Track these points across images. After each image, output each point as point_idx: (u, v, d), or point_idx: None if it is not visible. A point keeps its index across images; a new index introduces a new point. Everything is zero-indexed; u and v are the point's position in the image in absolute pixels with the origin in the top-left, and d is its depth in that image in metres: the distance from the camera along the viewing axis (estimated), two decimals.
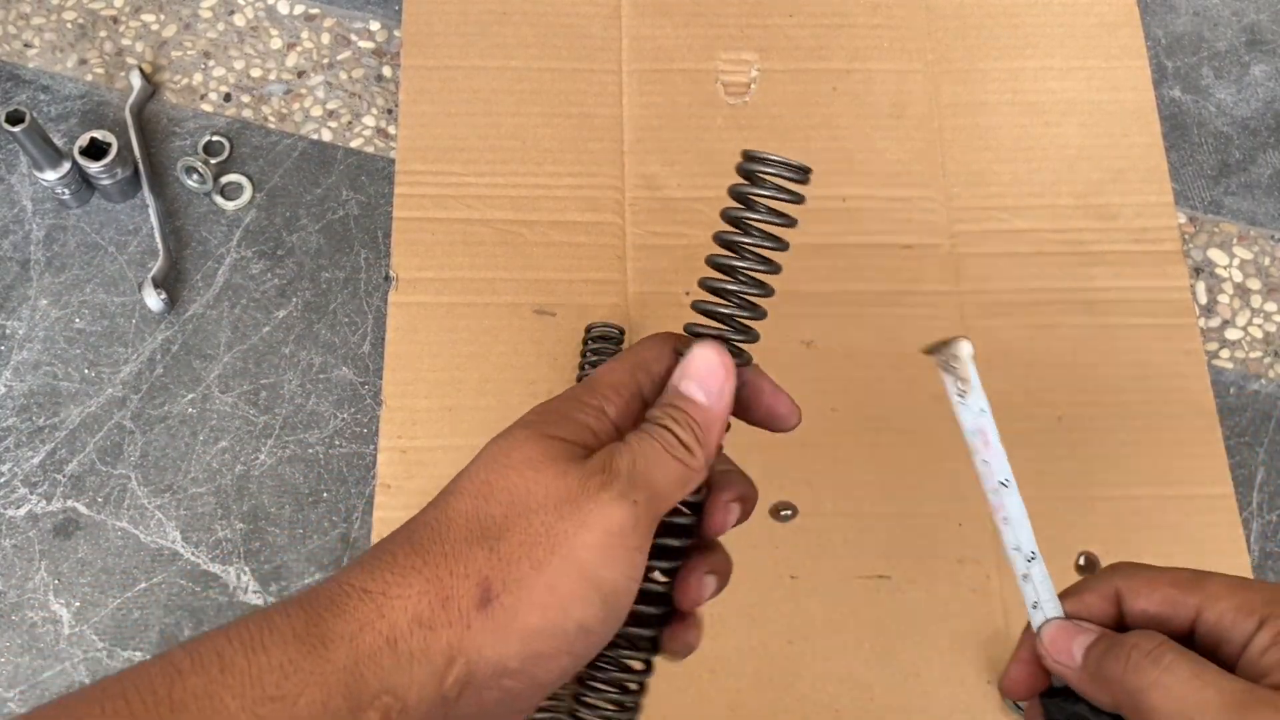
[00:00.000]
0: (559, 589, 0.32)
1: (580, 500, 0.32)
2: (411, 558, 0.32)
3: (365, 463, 0.66)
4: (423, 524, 0.33)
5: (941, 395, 0.68)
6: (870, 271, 0.72)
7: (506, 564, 0.32)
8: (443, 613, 0.31)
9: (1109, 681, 0.35)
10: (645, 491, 0.33)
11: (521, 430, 0.34)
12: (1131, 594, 0.37)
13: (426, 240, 0.71)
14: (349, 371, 0.69)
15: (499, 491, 0.33)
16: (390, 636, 0.31)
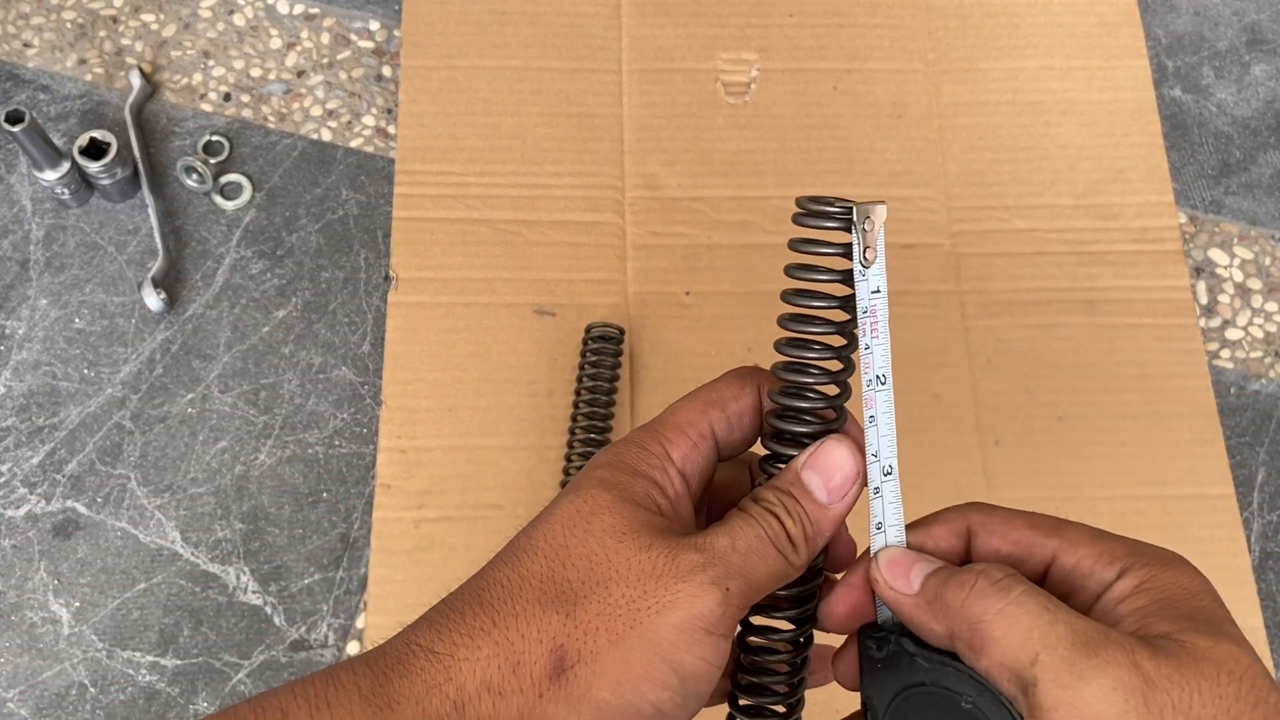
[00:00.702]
0: (635, 667, 0.30)
1: (668, 579, 0.31)
2: (480, 618, 0.31)
3: (365, 463, 0.66)
4: (493, 581, 0.32)
5: (941, 395, 0.69)
6: None
7: (583, 633, 0.31)
8: (513, 679, 0.30)
9: (947, 609, 0.31)
10: (740, 581, 0.32)
11: (602, 493, 0.32)
12: (985, 531, 0.34)
13: (426, 240, 0.71)
14: (349, 371, 0.69)
15: (577, 558, 0.31)
16: (458, 701, 0.30)
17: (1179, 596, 0.31)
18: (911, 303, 0.71)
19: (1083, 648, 0.29)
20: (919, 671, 0.32)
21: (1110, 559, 0.32)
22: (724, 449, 0.35)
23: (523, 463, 0.66)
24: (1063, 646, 0.29)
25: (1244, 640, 0.30)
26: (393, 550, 0.64)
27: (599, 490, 0.33)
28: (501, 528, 0.64)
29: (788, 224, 0.73)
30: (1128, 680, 0.28)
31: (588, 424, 0.65)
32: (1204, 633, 0.29)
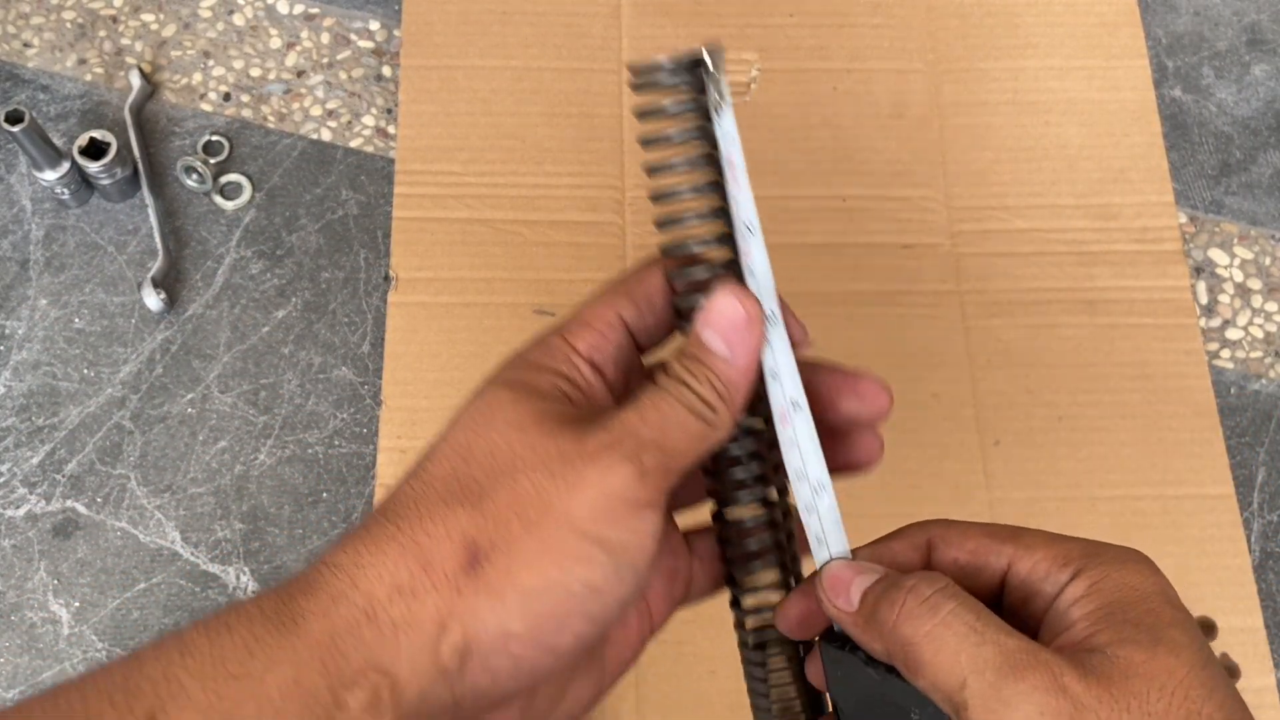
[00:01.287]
0: (554, 547, 0.29)
1: (576, 461, 0.30)
2: (386, 527, 0.30)
3: (365, 463, 0.66)
4: (399, 494, 0.31)
5: (941, 395, 0.69)
6: (871, 271, 0.72)
7: (494, 524, 0.29)
8: (425, 578, 0.29)
9: (881, 629, 0.31)
10: (656, 452, 0.30)
11: (503, 391, 0.32)
12: (944, 544, 0.33)
13: (426, 240, 0.71)
14: (348, 371, 0.69)
15: (481, 454, 0.30)
16: (368, 608, 0.29)
17: (1128, 599, 0.30)
18: (911, 302, 0.71)
19: (1009, 671, 0.28)
20: (872, 683, 0.32)
21: (1064, 561, 0.31)
22: (640, 336, 0.34)
23: None
24: (989, 671, 0.28)
25: (1188, 644, 0.29)
26: None
27: (500, 388, 0.32)
28: None
29: (788, 224, 0.73)
30: (1054, 705, 0.28)
31: None
32: (1143, 643, 0.29)
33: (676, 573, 0.36)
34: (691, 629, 0.62)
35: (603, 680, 0.35)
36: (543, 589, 0.29)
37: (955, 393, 0.69)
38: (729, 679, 0.62)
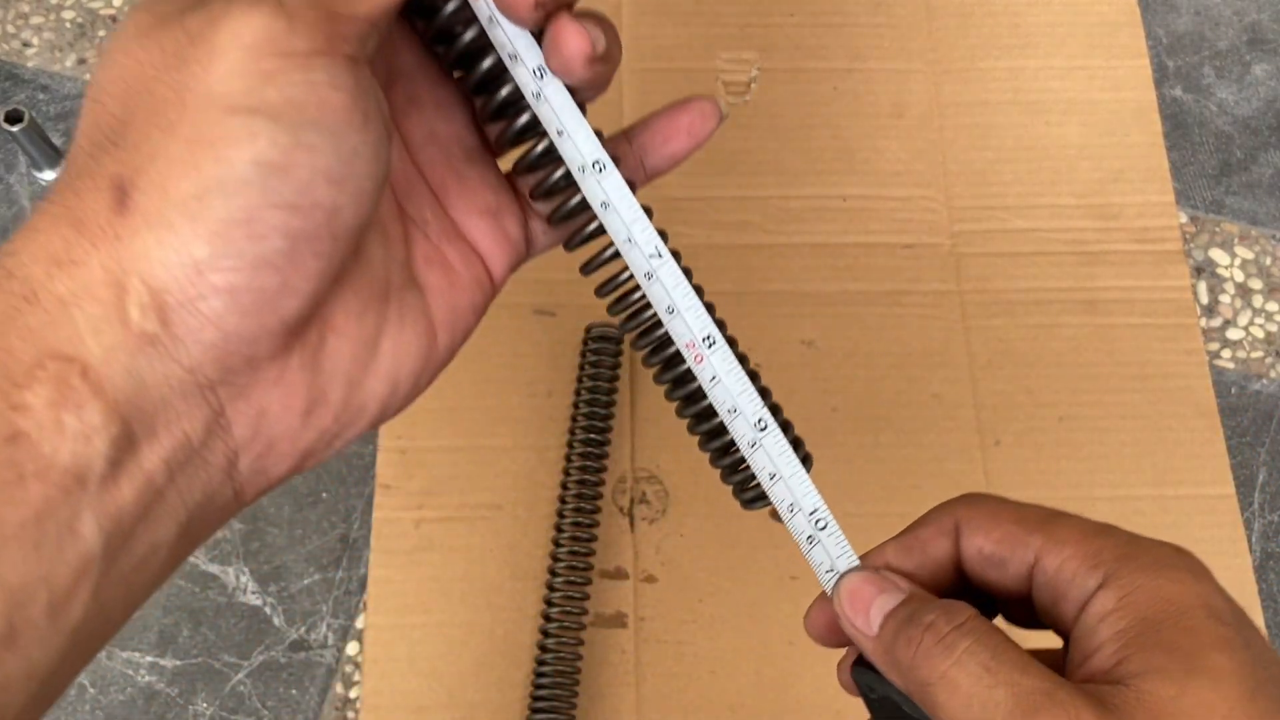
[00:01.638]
0: (204, 137, 0.24)
1: (203, 34, 0.25)
2: (39, 210, 0.26)
3: (364, 463, 0.66)
4: (58, 180, 0.26)
5: (942, 395, 0.69)
6: (871, 271, 0.72)
7: (134, 146, 0.25)
8: (80, 239, 0.25)
9: (900, 667, 0.29)
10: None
11: (133, 15, 0.26)
12: (970, 528, 0.31)
13: None
14: None
15: (110, 84, 0.26)
16: (28, 293, 0.24)
17: (1161, 616, 0.27)
18: (911, 303, 0.71)
19: (1025, 714, 0.26)
20: (904, 716, 0.30)
21: (1094, 562, 0.28)
22: None
23: (522, 463, 0.65)
24: (1000, 716, 0.26)
25: (1232, 671, 0.25)
26: (392, 551, 0.63)
27: (129, 24, 0.26)
28: (501, 528, 0.64)
29: (789, 224, 0.73)
30: None
31: (588, 424, 0.65)
32: (1174, 674, 0.25)
33: (497, 211, 0.34)
34: (692, 629, 0.62)
35: (430, 341, 0.32)
36: (205, 190, 0.24)
37: (955, 393, 0.69)
38: (730, 678, 0.62)
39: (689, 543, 0.64)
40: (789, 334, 0.69)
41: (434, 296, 0.32)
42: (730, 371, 0.33)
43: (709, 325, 0.33)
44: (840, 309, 0.70)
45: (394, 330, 0.30)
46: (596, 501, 0.63)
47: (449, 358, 0.33)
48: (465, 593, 0.62)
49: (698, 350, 0.33)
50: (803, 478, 0.33)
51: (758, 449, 0.33)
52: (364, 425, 0.30)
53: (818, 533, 0.33)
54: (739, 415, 0.33)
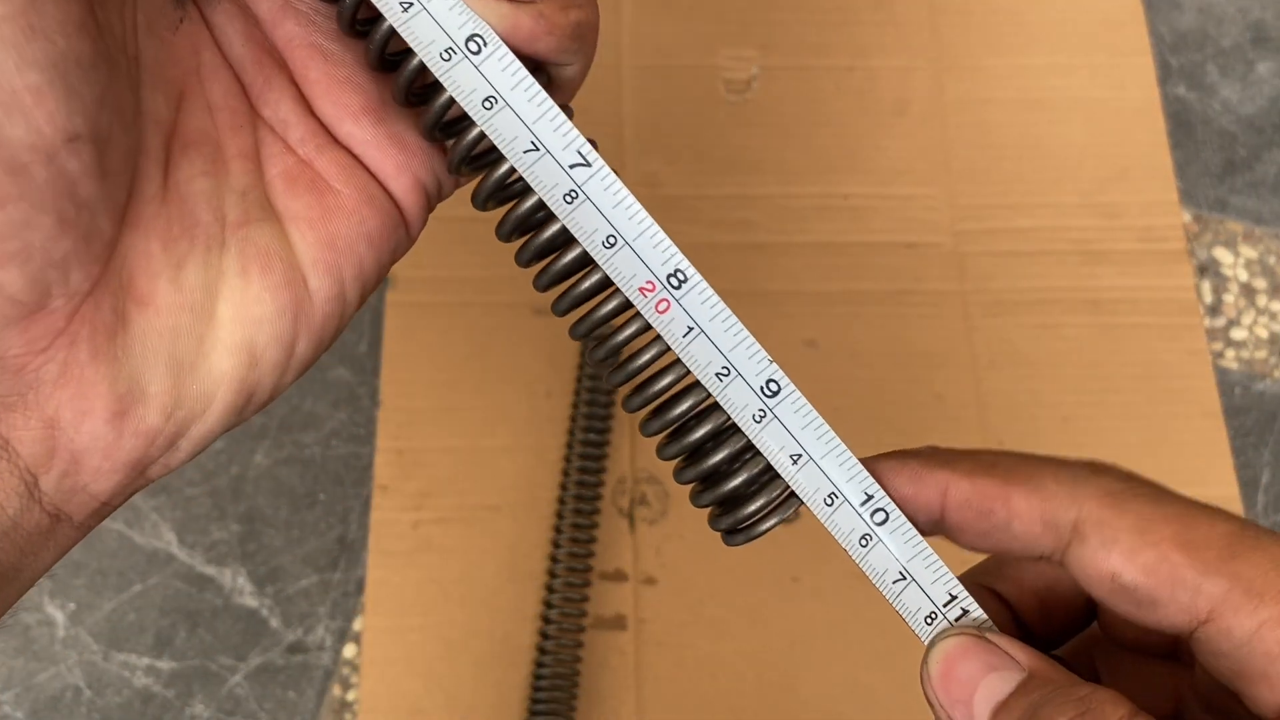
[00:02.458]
0: None
1: None
2: None
3: (362, 464, 0.66)
4: None
5: (945, 395, 0.68)
6: (873, 270, 0.72)
7: None
8: None
9: None
10: None
11: None
12: (1102, 537, 0.23)
13: (424, 239, 0.70)
14: (345, 372, 0.68)
15: None
16: None
17: None
18: (914, 302, 0.71)
19: None
20: None
21: (1254, 593, 0.20)
22: None
23: (521, 464, 0.65)
24: None
25: None
26: (390, 552, 0.63)
27: None
28: (500, 529, 0.64)
29: (790, 223, 0.73)
30: None
31: (587, 425, 0.65)
32: None
33: (382, 109, 0.26)
34: (692, 632, 0.62)
35: (296, 290, 0.25)
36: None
37: (958, 393, 0.68)
38: (730, 681, 0.62)
39: (689, 544, 0.63)
40: (791, 334, 0.69)
41: (299, 228, 0.25)
42: (716, 318, 0.24)
43: (674, 257, 0.24)
44: (842, 309, 0.70)
45: (235, 284, 0.24)
46: (596, 503, 0.63)
47: (343, 307, 0.26)
48: (464, 595, 0.62)
49: (659, 294, 0.24)
50: (842, 451, 0.24)
51: (768, 423, 0.24)
52: (222, 415, 0.24)
53: (875, 529, 0.24)
54: (734, 379, 0.24)
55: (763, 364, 0.24)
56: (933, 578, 0.24)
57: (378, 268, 0.26)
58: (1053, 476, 0.24)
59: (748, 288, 0.70)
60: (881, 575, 0.24)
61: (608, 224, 0.24)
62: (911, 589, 0.24)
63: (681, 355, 0.24)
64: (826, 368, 0.69)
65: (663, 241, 0.24)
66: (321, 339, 0.25)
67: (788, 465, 0.24)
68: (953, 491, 0.24)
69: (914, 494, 0.25)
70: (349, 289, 0.26)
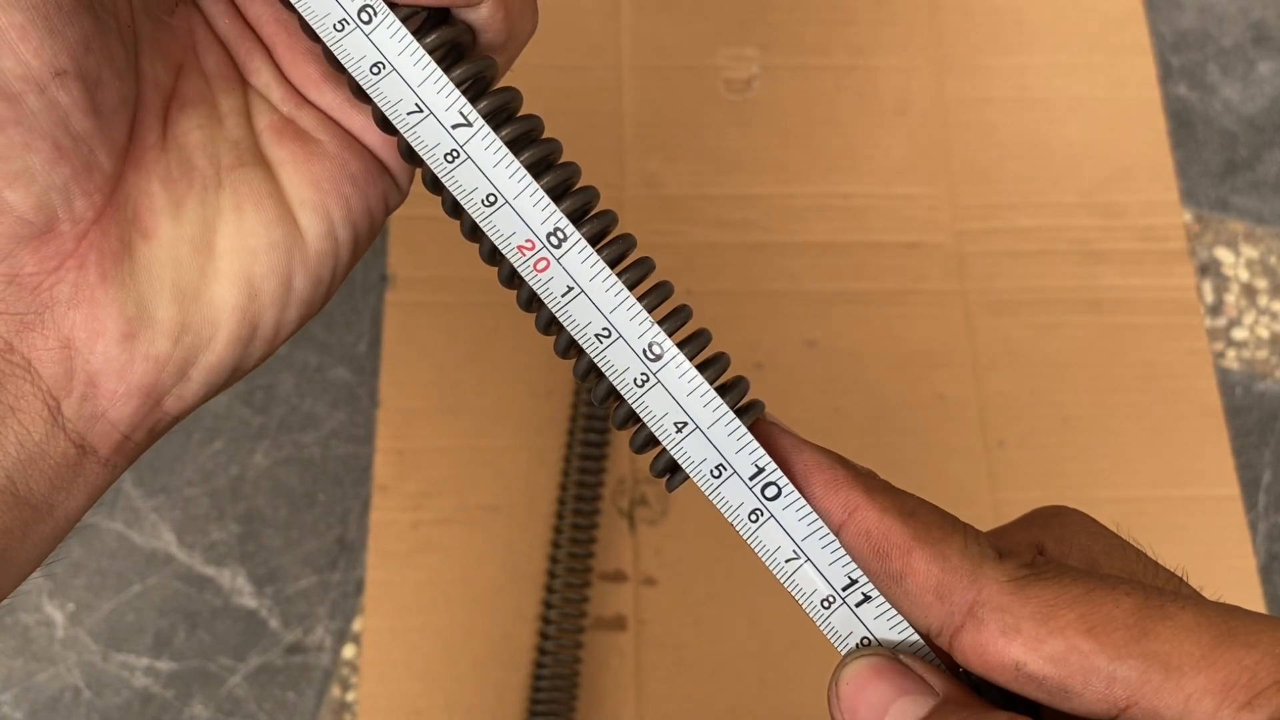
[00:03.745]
0: None
1: None
2: None
3: (361, 464, 0.66)
4: None
5: (946, 395, 0.69)
6: (874, 270, 0.72)
7: None
8: None
9: None
10: None
11: None
12: (1001, 624, 0.21)
13: (424, 239, 0.71)
14: (345, 372, 0.69)
15: None
16: None
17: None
18: (915, 302, 0.71)
19: None
20: None
21: (1246, 698, 0.18)
22: None
23: (521, 464, 0.65)
24: None
25: None
26: (389, 553, 0.63)
27: None
28: (499, 530, 0.64)
29: (791, 222, 0.73)
30: None
31: (587, 425, 0.65)
32: None
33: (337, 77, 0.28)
34: (693, 632, 0.62)
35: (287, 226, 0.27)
36: None
37: (959, 393, 0.69)
38: (730, 682, 0.62)
39: (689, 545, 0.64)
40: (791, 334, 0.69)
41: (287, 171, 0.27)
42: (596, 278, 0.24)
43: (554, 216, 0.24)
44: (843, 308, 0.70)
45: (231, 220, 0.26)
46: (596, 503, 0.63)
47: (335, 246, 0.27)
48: (463, 595, 0.62)
49: (538, 252, 0.24)
50: (730, 420, 0.24)
51: (650, 388, 0.24)
52: (228, 344, 0.26)
53: (766, 504, 0.24)
54: (614, 341, 0.24)
55: (645, 326, 0.24)
56: (830, 559, 0.24)
57: (366, 210, 0.28)
58: (960, 548, 0.22)
59: (748, 287, 0.70)
60: (773, 554, 0.24)
61: (488, 182, 0.25)
62: (806, 569, 0.24)
63: (560, 315, 0.24)
64: (827, 368, 0.69)
65: (542, 200, 0.24)
66: (318, 277, 0.27)
67: (671, 433, 0.24)
68: (858, 517, 0.24)
69: (820, 497, 0.24)
70: (339, 228, 0.27)
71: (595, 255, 0.24)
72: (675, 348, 0.24)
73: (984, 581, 0.22)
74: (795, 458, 0.24)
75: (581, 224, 0.24)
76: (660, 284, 0.25)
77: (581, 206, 0.25)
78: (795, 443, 0.25)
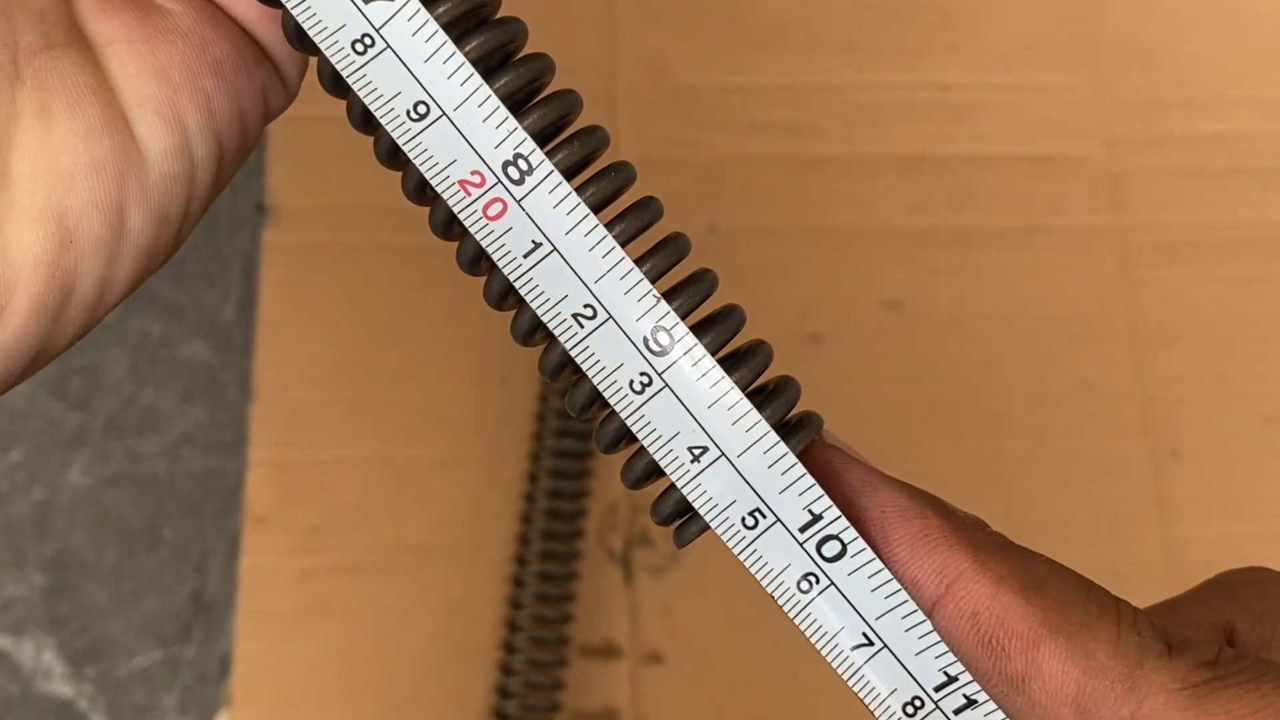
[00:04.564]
0: None
1: None
2: None
3: (226, 484, 0.66)
4: None
5: (1092, 382, 0.68)
6: (986, 198, 0.71)
7: None
8: None
9: None
10: None
11: None
12: None
13: (321, 149, 0.70)
14: (203, 347, 0.68)
15: None
16: None
17: None
18: (1046, 245, 0.70)
19: None
20: None
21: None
22: None
23: (464, 483, 0.66)
24: None
25: None
26: (269, 615, 0.64)
27: None
28: (433, 582, 0.64)
29: (862, 127, 0.72)
30: None
31: (562, 427, 0.64)
32: None
33: None
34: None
35: (115, 130, 0.27)
36: None
37: (1112, 380, 0.69)
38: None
39: (712, 604, 0.64)
40: (863, 292, 0.69)
41: (118, 55, 0.27)
42: (575, 229, 0.24)
43: (514, 135, 0.24)
44: (939, 254, 0.70)
45: (33, 128, 0.26)
46: (575, 542, 0.64)
47: (190, 168, 0.28)
48: (379, 679, 0.63)
49: (490, 190, 0.24)
50: (773, 444, 0.24)
51: (654, 394, 0.24)
52: (26, 315, 0.26)
53: (822, 566, 0.24)
54: (601, 325, 0.24)
55: (648, 302, 0.24)
56: (917, 647, 0.24)
57: (236, 114, 0.28)
58: (1111, 640, 0.23)
59: (798, 223, 0.69)
60: (832, 638, 0.24)
61: (416, 84, 0.24)
62: (881, 660, 0.24)
63: (521, 284, 0.24)
64: (914, 339, 0.69)
65: (497, 113, 0.24)
66: (164, 212, 0.27)
67: (684, 461, 0.24)
68: (962, 590, 0.24)
69: (905, 560, 0.25)
70: (196, 141, 0.27)
71: (574, 195, 0.24)
72: (691, 334, 0.24)
73: (1147, 690, 0.23)
74: (868, 499, 0.25)
75: (554, 148, 0.24)
76: (672, 237, 0.25)
77: (555, 121, 0.25)
78: (868, 476, 0.25)
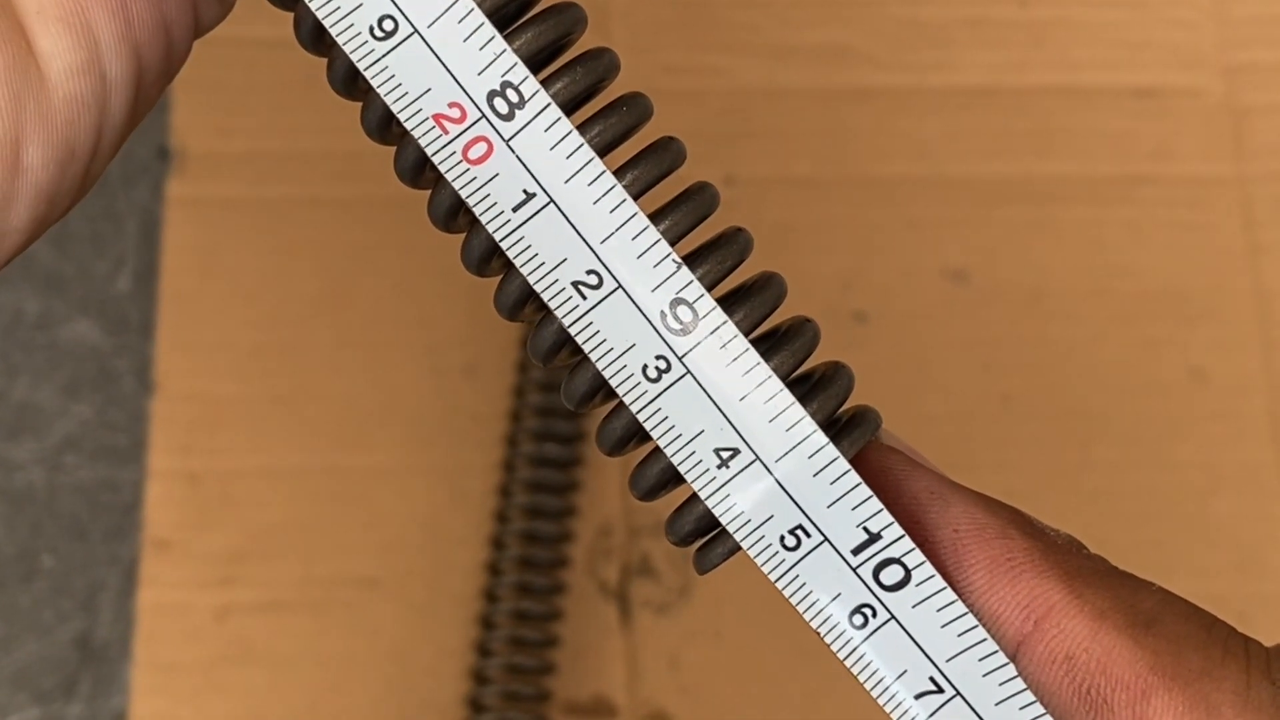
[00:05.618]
0: None
1: None
2: None
3: (121, 500, 0.67)
4: None
5: (1208, 371, 0.68)
6: (1074, 141, 0.72)
7: None
8: None
9: None
10: None
11: None
12: None
13: (238, 81, 0.71)
14: (90, 328, 0.68)
15: None
16: None
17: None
18: (1151, 198, 0.71)
19: None
20: None
21: None
22: None
23: (420, 498, 0.67)
24: None
25: None
26: (174, 665, 0.64)
27: None
28: (381, 623, 0.65)
29: (918, 52, 0.72)
30: None
31: (542, 426, 0.64)
32: None
33: None
34: None
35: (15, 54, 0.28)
36: None
37: (1232, 367, 0.70)
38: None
39: (731, 651, 0.65)
40: (922, 258, 0.70)
41: None
42: (576, 177, 0.25)
43: (499, 59, 0.25)
44: (1016, 212, 0.71)
45: None
46: (558, 573, 0.64)
47: (102, 90, 0.29)
48: None
49: (472, 127, 0.25)
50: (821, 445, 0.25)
51: (674, 385, 0.25)
52: None
53: (880, 596, 0.25)
54: (609, 294, 0.25)
55: (667, 269, 0.24)
56: (999, 695, 0.25)
57: (160, 26, 0.28)
58: (1237, 692, 0.25)
59: (841, 171, 0.70)
60: (892, 683, 0.25)
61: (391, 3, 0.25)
62: (953, 709, 0.25)
63: (509, 244, 0.25)
64: (983, 318, 0.70)
65: (481, 30, 0.25)
66: (70, 146, 0.28)
67: (709, 466, 0.24)
68: (1054, 627, 0.25)
69: (984, 589, 0.26)
70: (109, 56, 0.28)
71: (576, 134, 0.25)
72: (719, 309, 0.24)
73: None
74: (936, 514, 0.26)
75: (551, 76, 0.25)
76: (696, 188, 0.25)
77: (552, 42, 0.25)
78: (936, 487, 0.26)
